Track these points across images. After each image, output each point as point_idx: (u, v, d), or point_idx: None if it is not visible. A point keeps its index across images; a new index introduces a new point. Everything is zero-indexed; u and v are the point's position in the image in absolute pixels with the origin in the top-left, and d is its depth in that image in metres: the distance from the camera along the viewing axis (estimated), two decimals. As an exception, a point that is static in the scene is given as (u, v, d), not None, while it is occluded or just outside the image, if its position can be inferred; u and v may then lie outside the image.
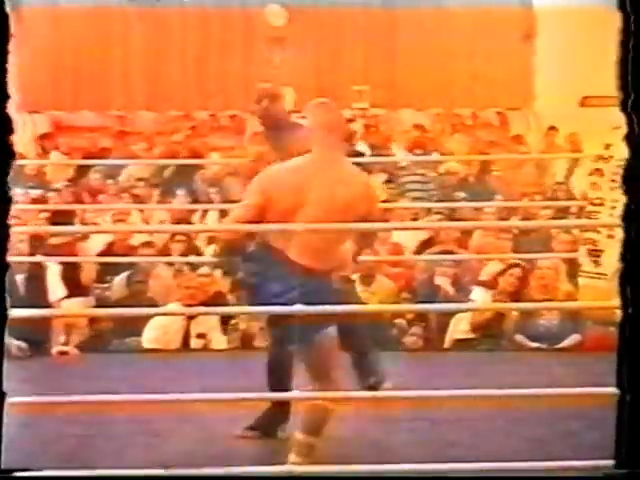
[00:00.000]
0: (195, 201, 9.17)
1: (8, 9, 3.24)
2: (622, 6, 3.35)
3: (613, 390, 3.47)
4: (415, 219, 8.29)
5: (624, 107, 3.37)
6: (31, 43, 11.86)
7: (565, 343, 7.14)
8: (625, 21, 3.34)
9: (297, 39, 12.17)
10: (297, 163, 4.21)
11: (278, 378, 4.73)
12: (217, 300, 7.14)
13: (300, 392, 4.54)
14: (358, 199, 4.16)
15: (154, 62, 12.42)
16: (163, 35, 12.45)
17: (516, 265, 7.44)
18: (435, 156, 10.26)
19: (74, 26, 12.23)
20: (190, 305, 6.92)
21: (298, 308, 4.01)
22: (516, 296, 7.27)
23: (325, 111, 4.33)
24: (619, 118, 3.46)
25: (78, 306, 7.38)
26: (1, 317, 3.31)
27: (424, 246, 8.31)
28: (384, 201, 8.83)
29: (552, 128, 11.01)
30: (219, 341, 7.19)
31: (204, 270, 7.52)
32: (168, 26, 12.42)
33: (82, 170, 10.07)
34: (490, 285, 7.46)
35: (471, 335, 7.24)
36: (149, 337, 7.12)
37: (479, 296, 7.36)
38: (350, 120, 11.14)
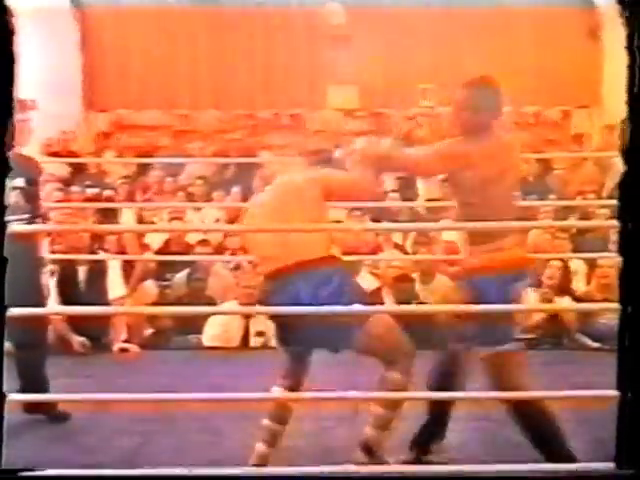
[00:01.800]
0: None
1: (8, 4, 3.21)
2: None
3: (614, 392, 3.42)
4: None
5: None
6: (97, 43, 12.01)
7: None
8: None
9: (358, 38, 12.14)
10: None
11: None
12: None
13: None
14: None
15: (219, 61, 12.47)
16: (227, 35, 12.50)
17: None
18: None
19: (140, 25, 12.34)
20: (248, 304, 6.91)
21: (356, 308, 4.00)
22: (562, 291, 7.21)
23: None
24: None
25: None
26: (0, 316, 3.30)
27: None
28: (437, 199, 8.85)
29: (609, 126, 10.85)
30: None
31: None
32: (231, 26, 12.46)
33: (142, 168, 10.15)
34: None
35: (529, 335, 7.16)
36: (209, 335, 7.14)
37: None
38: (411, 118, 11.14)
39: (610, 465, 3.40)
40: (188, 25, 12.47)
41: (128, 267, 7.49)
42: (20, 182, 5.13)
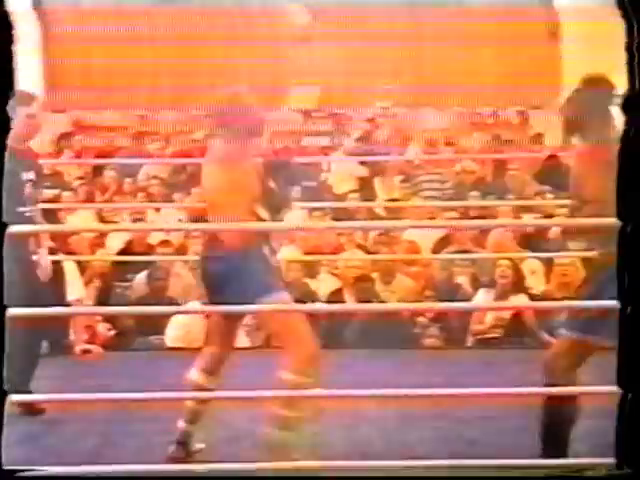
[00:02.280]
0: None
1: (9, 8, 3.23)
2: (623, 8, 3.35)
3: (614, 389, 3.46)
4: (432, 218, 8.28)
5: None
6: (57, 43, 11.94)
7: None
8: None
9: (321, 38, 12.17)
10: None
11: None
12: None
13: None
14: None
15: (178, 61, 12.44)
16: (187, 35, 12.47)
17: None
18: (446, 154, 10.28)
19: (100, 26, 12.28)
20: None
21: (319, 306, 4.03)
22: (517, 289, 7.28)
23: None
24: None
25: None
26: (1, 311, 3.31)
27: (440, 245, 8.31)
28: (397, 200, 8.89)
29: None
30: (241, 340, 7.18)
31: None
32: (192, 26, 12.42)
33: (97, 169, 10.10)
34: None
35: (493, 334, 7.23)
36: (172, 336, 7.12)
37: (481, 298, 7.33)
38: (371, 119, 11.18)
39: (610, 460, 3.44)
40: (148, 25, 12.41)
41: (85, 268, 7.49)
42: (31, 175, 5.26)
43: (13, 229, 3.52)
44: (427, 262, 8.03)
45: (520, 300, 7.23)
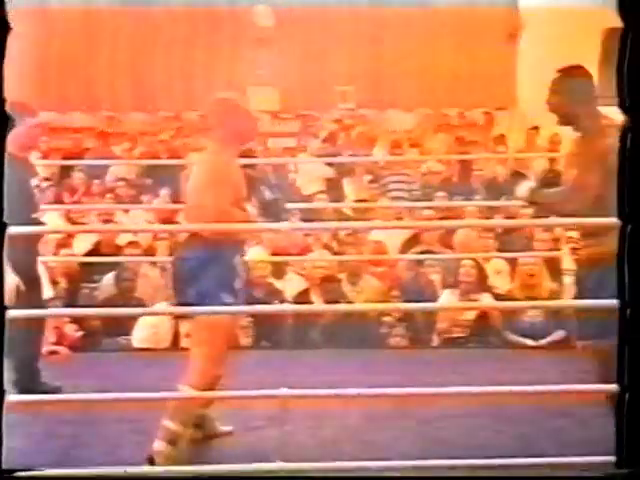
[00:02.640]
0: (179, 201, 9.23)
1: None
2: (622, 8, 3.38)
3: (614, 387, 3.50)
4: (399, 219, 8.34)
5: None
6: (20, 44, 11.85)
7: (549, 339, 7.17)
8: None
9: (284, 40, 12.21)
10: None
11: None
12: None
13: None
14: None
15: (143, 63, 12.43)
16: (150, 36, 12.47)
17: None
18: (410, 155, 10.34)
19: (64, 27, 12.23)
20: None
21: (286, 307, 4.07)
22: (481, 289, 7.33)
23: None
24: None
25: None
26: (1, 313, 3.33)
27: (408, 245, 8.36)
28: (365, 200, 8.93)
29: (534, 128, 11.06)
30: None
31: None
32: (155, 27, 12.42)
33: (65, 170, 10.08)
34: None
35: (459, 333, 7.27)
36: (139, 337, 7.13)
37: (445, 299, 7.38)
38: (337, 120, 11.22)
39: (610, 459, 3.48)
40: (111, 26, 12.39)
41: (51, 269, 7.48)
42: (36, 181, 5.52)
43: (12, 230, 3.55)
44: (393, 262, 8.08)
45: (485, 300, 7.30)
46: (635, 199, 3.41)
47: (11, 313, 3.39)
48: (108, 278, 7.76)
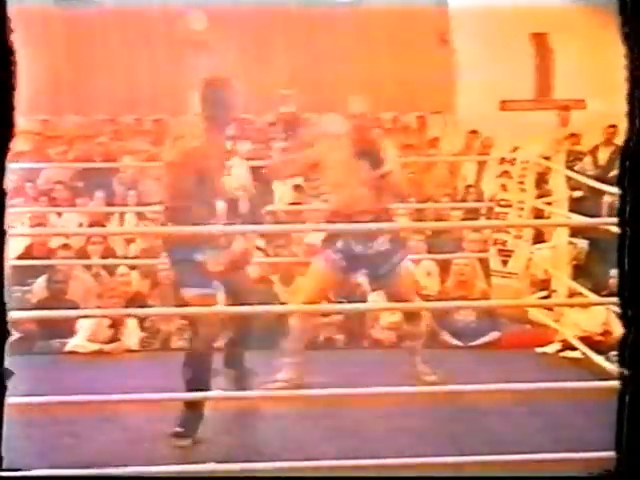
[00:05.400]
0: (113, 203, 9.29)
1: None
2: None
3: (614, 384, 3.55)
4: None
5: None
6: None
7: (483, 340, 7.26)
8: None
9: (218, 43, 12.19)
10: None
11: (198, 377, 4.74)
12: (136, 301, 7.23)
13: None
14: None
15: (79, 65, 12.36)
16: (87, 38, 12.41)
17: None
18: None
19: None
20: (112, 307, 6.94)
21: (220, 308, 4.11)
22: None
23: None
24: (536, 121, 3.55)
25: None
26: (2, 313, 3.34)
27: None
28: (297, 203, 8.98)
29: (473, 132, 11.13)
30: (134, 342, 7.24)
31: (122, 271, 7.62)
32: (91, 29, 12.36)
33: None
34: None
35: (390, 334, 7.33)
36: (75, 340, 7.13)
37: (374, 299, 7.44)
38: (272, 124, 11.24)
39: (611, 454, 3.50)
40: (47, 28, 12.30)
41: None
42: None
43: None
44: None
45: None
46: (635, 202, 3.41)
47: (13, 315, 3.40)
48: (40, 281, 7.73)
